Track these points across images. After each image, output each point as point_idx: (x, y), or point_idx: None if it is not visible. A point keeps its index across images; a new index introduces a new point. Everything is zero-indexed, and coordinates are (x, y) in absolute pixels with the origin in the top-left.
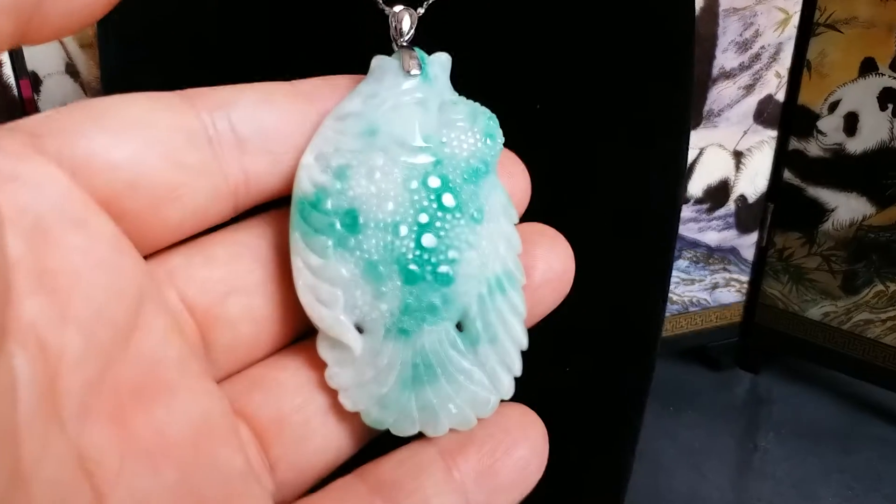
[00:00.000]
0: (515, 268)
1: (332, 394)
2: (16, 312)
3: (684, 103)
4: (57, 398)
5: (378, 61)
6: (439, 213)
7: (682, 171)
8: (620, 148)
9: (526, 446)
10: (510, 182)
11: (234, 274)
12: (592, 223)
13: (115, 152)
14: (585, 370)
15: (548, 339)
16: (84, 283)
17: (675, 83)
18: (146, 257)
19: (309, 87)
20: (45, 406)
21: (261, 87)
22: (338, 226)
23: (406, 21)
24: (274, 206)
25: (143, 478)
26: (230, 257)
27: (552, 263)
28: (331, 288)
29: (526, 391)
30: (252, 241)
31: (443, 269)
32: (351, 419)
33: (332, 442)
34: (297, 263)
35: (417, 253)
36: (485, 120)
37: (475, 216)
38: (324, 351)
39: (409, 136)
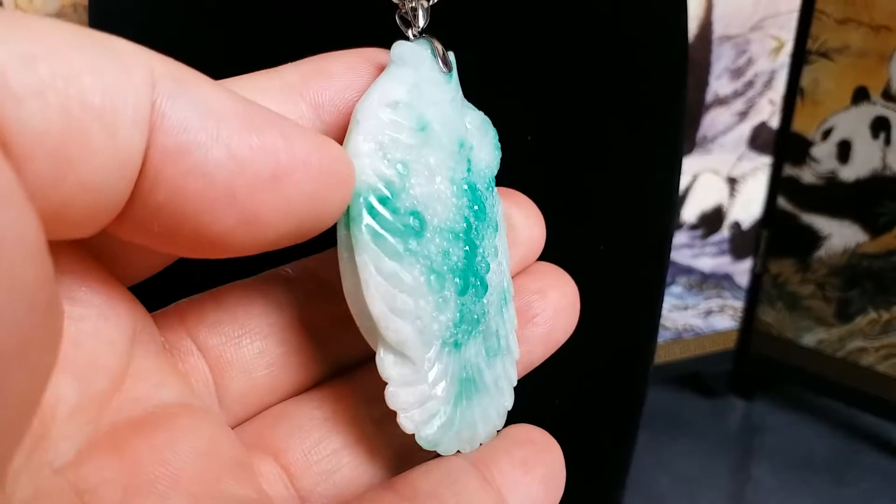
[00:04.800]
0: (510, 280)
1: (358, 427)
2: None
3: (676, 133)
4: (51, 443)
5: (405, 48)
6: (475, 221)
7: (674, 203)
8: (611, 179)
9: (553, 460)
10: (527, 224)
11: (245, 316)
12: (582, 253)
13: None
14: (574, 401)
15: (535, 369)
16: (75, 331)
17: (667, 114)
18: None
19: (297, 78)
20: (38, 453)
21: (247, 81)
22: (406, 227)
23: (420, 12)
24: (281, 257)
25: None
26: (241, 299)
27: (562, 300)
28: (406, 297)
29: (512, 423)
30: (263, 287)
31: (486, 278)
32: (379, 450)
33: (363, 473)
34: (366, 267)
35: (466, 261)
36: (493, 130)
37: (494, 225)
38: (388, 368)
39: (449, 138)
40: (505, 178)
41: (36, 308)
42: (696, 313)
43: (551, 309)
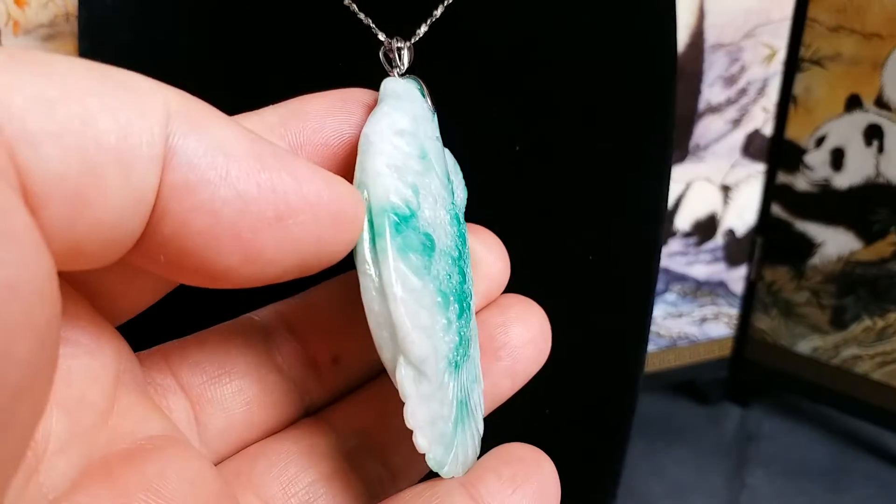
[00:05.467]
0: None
1: (331, 460)
2: None
3: (664, 144)
4: (44, 475)
5: (399, 84)
6: (463, 249)
7: (663, 213)
8: (598, 189)
9: (542, 474)
10: (489, 261)
11: (225, 357)
12: (571, 263)
13: None
14: (565, 410)
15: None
16: (65, 368)
17: (655, 125)
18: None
19: (276, 119)
20: (32, 485)
21: (227, 124)
22: (424, 246)
23: (405, 53)
24: (260, 297)
25: None
26: (221, 342)
27: (525, 333)
28: (426, 314)
29: (503, 434)
30: (241, 330)
31: (471, 305)
32: (352, 482)
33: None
34: (395, 282)
35: (459, 286)
36: (460, 170)
37: (468, 254)
38: (408, 384)
39: (441, 170)
40: (493, 187)
41: (45, 345)
42: (691, 321)
43: (515, 341)
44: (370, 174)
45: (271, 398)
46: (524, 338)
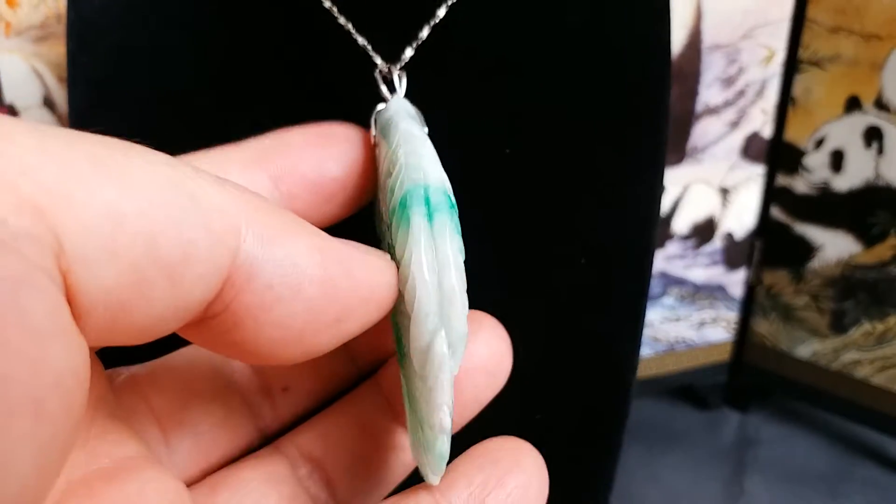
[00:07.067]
0: None
1: (291, 485)
2: None
3: (657, 148)
4: None
5: (402, 103)
6: None
7: (656, 216)
8: (590, 193)
9: (519, 476)
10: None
11: (193, 380)
12: (563, 267)
13: None
14: (556, 416)
15: (515, 387)
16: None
17: (648, 128)
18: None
19: (259, 152)
20: None
21: (216, 154)
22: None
23: (402, 78)
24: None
25: None
26: (188, 365)
27: (481, 350)
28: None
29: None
30: (206, 354)
31: None
32: None
33: None
34: (452, 257)
35: None
36: None
37: None
38: (444, 357)
39: None
40: (483, 190)
41: (79, 419)
42: (689, 325)
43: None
44: (428, 159)
45: (234, 422)
46: (470, 362)
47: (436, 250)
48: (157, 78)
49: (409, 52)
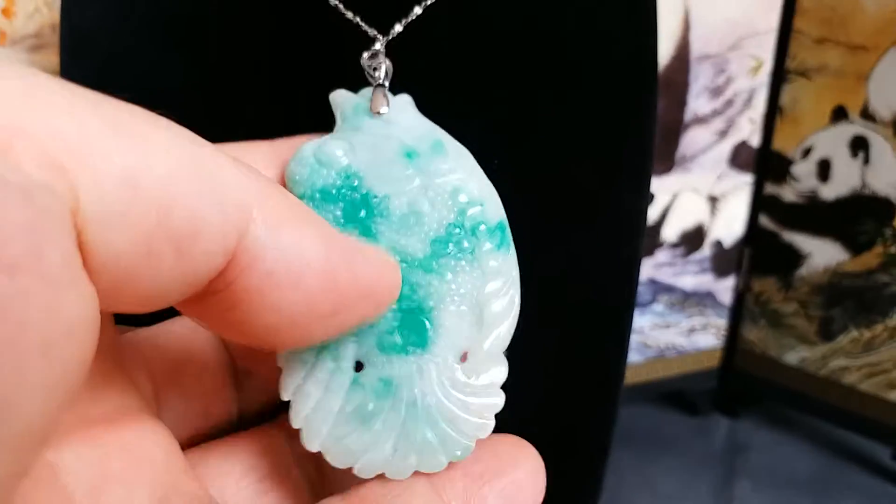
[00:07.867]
0: None
1: (286, 455)
2: None
3: (644, 158)
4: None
5: (406, 99)
6: None
7: (642, 227)
8: (577, 204)
9: (517, 473)
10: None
11: (189, 343)
12: (549, 277)
13: None
14: (543, 425)
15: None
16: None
17: (634, 138)
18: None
19: (269, 156)
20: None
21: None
22: None
23: (386, 68)
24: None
25: (119, 497)
26: (185, 329)
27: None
28: None
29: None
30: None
31: None
32: (299, 483)
33: (290, 499)
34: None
35: None
36: None
37: None
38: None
39: None
40: None
41: (86, 365)
42: (679, 331)
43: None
44: (487, 189)
45: (226, 394)
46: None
47: (512, 277)
48: (148, 87)
49: (398, 28)
